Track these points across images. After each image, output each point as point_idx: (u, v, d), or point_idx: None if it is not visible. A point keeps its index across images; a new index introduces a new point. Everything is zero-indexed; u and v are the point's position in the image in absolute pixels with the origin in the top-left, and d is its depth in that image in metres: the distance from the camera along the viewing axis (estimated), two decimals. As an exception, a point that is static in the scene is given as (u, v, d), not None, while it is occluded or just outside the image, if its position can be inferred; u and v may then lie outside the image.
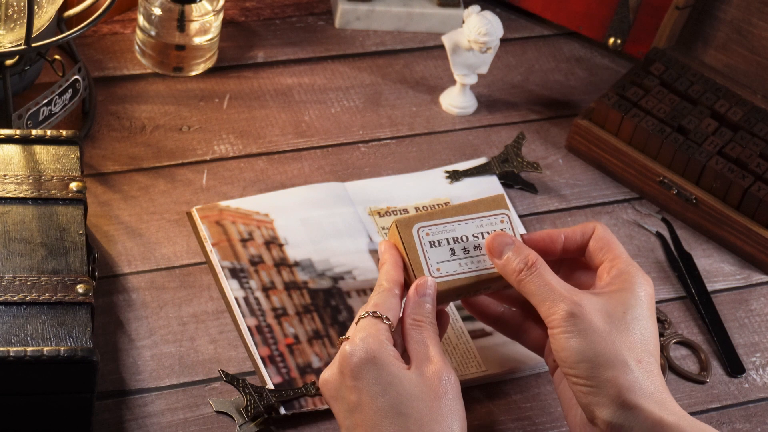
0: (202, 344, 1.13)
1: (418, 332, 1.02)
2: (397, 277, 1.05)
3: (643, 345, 1.01)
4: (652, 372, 1.00)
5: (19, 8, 1.17)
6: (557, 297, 1.01)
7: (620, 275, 1.05)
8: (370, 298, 1.04)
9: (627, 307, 1.02)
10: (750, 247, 1.28)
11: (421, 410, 0.97)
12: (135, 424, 1.06)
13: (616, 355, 0.99)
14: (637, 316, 1.02)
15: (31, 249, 1.04)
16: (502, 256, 1.05)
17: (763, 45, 1.36)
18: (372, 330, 1.00)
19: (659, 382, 1.01)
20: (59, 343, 0.98)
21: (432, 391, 0.98)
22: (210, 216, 1.21)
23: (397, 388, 0.97)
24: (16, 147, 1.11)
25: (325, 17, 1.46)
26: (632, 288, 1.04)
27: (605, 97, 1.34)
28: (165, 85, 1.34)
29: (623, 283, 1.04)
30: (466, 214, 1.09)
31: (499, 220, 1.09)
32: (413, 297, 1.04)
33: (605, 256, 1.07)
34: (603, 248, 1.07)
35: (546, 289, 1.02)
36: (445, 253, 1.07)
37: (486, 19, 1.31)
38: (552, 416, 1.13)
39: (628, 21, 1.44)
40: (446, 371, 0.99)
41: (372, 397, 0.97)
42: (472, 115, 1.39)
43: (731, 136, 1.31)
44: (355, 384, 0.98)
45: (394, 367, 0.98)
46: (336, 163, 1.30)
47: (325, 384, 1.01)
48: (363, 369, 0.98)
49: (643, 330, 1.02)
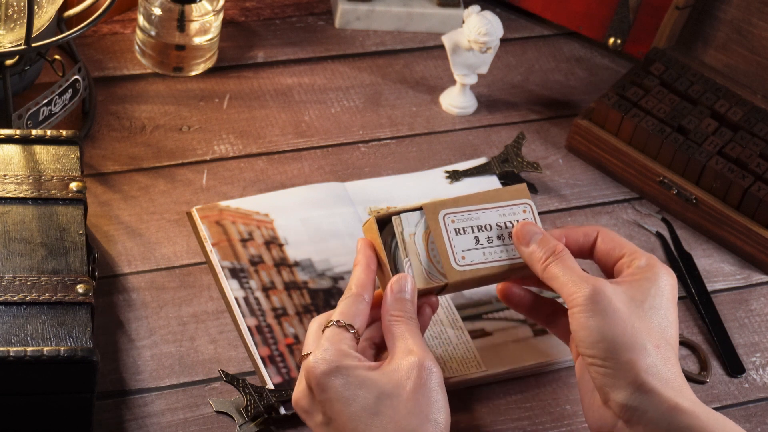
0: (202, 344, 1.13)
1: (398, 327, 1.01)
2: (367, 281, 1.04)
3: (662, 333, 1.02)
4: (669, 359, 1.01)
5: (19, 8, 1.17)
6: (579, 280, 1.02)
7: (642, 267, 1.05)
8: (339, 304, 1.03)
9: (648, 295, 1.03)
10: (750, 247, 1.28)
11: (396, 406, 0.96)
12: (135, 424, 1.06)
13: (635, 339, 1.00)
14: (657, 305, 1.03)
15: (31, 249, 1.04)
16: (529, 244, 1.06)
17: (763, 45, 1.36)
18: (334, 340, 0.99)
19: (676, 369, 1.01)
20: (59, 343, 0.98)
21: (410, 383, 0.97)
22: (210, 216, 1.21)
23: (368, 390, 0.96)
24: (16, 147, 1.11)
25: (325, 17, 1.46)
26: (654, 278, 1.04)
27: (605, 97, 1.34)
28: (165, 85, 1.34)
29: (645, 273, 1.05)
30: (490, 203, 1.09)
31: (522, 209, 1.10)
32: (390, 295, 1.03)
33: (620, 253, 1.07)
34: (615, 248, 1.08)
35: (569, 273, 1.03)
36: (469, 242, 1.07)
37: (486, 19, 1.31)
38: (552, 416, 1.13)
39: (628, 21, 1.44)
40: (427, 361, 0.98)
41: (344, 406, 0.96)
42: (472, 115, 1.39)
43: (731, 136, 1.31)
44: (324, 397, 0.97)
45: (360, 371, 0.97)
46: (336, 163, 1.30)
47: (297, 403, 1.00)
48: (329, 380, 0.97)
49: (662, 319, 1.03)
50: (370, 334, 1.05)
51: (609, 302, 1.01)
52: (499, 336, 1.17)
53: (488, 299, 1.20)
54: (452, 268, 1.06)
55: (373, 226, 1.06)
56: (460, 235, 1.07)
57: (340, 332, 1.00)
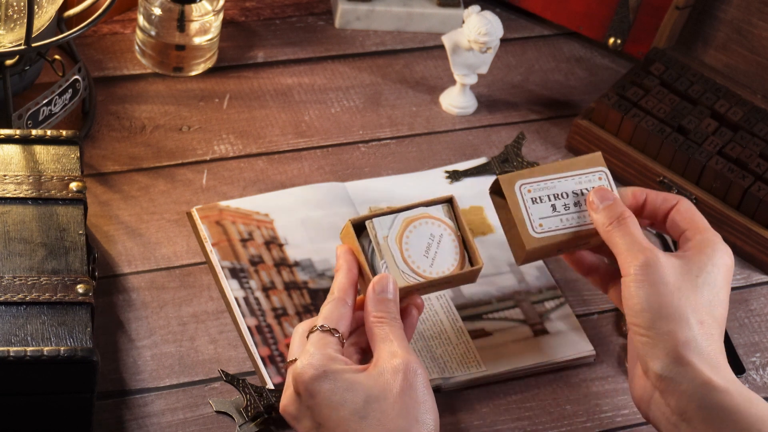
0: (202, 344, 1.13)
1: (381, 328, 1.01)
2: (349, 285, 1.04)
3: (710, 309, 1.02)
4: (712, 335, 1.01)
5: (19, 8, 1.18)
6: (638, 248, 1.03)
7: (702, 242, 1.06)
8: (321, 309, 1.03)
9: (701, 271, 1.04)
10: (750, 247, 1.28)
11: (384, 409, 0.95)
12: (135, 424, 1.06)
13: (680, 311, 1.00)
14: (711, 281, 1.04)
15: (31, 249, 1.04)
16: (598, 209, 1.07)
17: (763, 45, 1.36)
18: (319, 345, 0.99)
19: (717, 346, 1.01)
20: (59, 343, 0.98)
21: (396, 386, 0.96)
22: (210, 216, 1.21)
23: (356, 393, 0.96)
24: (16, 147, 1.11)
25: (325, 17, 1.46)
26: (712, 254, 1.05)
27: (605, 97, 1.34)
28: (165, 85, 1.34)
29: (704, 248, 1.05)
30: (566, 171, 1.10)
31: (597, 177, 1.11)
32: (372, 295, 1.02)
33: (688, 225, 1.08)
34: (685, 219, 1.08)
35: (629, 240, 1.04)
36: (546, 210, 1.09)
37: (486, 19, 1.31)
38: (552, 416, 1.13)
39: (628, 21, 1.44)
40: (412, 363, 0.98)
41: (332, 410, 0.96)
42: (472, 115, 1.39)
43: (731, 136, 1.31)
44: (313, 402, 0.97)
45: (348, 374, 0.97)
46: (336, 163, 1.30)
47: (285, 410, 1.00)
48: (317, 385, 0.97)
49: (713, 296, 1.03)
50: (356, 339, 1.05)
51: (660, 273, 1.02)
52: (499, 336, 1.17)
53: (488, 299, 1.20)
54: (530, 236, 1.08)
55: (350, 231, 1.06)
56: (537, 203, 1.09)
57: (324, 337, 1.00)
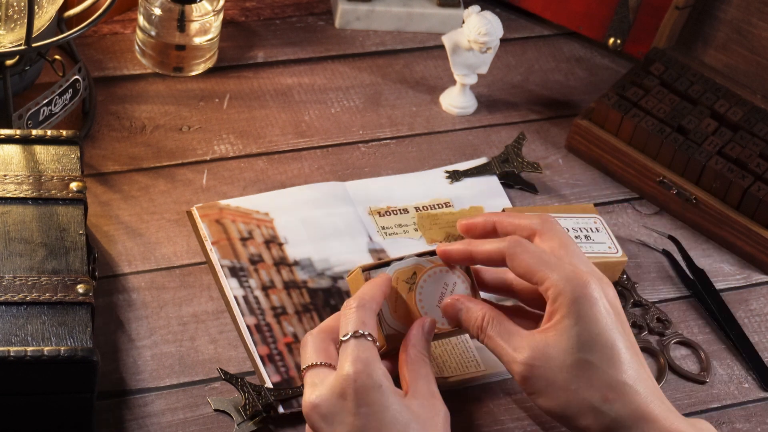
0: (202, 344, 1.13)
1: (423, 367, 1.02)
2: (380, 296, 1.03)
3: (608, 373, 0.98)
4: (629, 399, 0.98)
5: (19, 8, 1.18)
6: (511, 354, 1.01)
7: (563, 298, 0.99)
8: (348, 316, 1.01)
9: (585, 334, 0.98)
10: (750, 247, 1.28)
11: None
12: (135, 424, 1.06)
13: (581, 404, 0.98)
14: (601, 339, 0.98)
15: (32, 249, 1.04)
16: (460, 322, 1.06)
17: (763, 45, 1.36)
18: (370, 353, 0.99)
19: (648, 394, 0.98)
20: (59, 343, 0.98)
21: (433, 425, 0.98)
22: (210, 214, 1.21)
23: (403, 418, 0.97)
24: (16, 147, 1.11)
25: (325, 17, 1.46)
26: (585, 307, 0.99)
27: (605, 97, 1.34)
28: (165, 85, 1.34)
29: (564, 310, 0.99)
30: None
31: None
32: (420, 333, 1.04)
33: (533, 280, 1.02)
34: (527, 274, 1.02)
35: (500, 349, 1.02)
36: None
37: (486, 19, 1.31)
38: (552, 416, 1.13)
39: (628, 21, 1.44)
40: (445, 409, 1.00)
41: (381, 424, 0.96)
42: (472, 115, 1.39)
43: (731, 136, 1.31)
44: (360, 410, 0.96)
45: (396, 397, 0.98)
46: (336, 163, 1.30)
47: (316, 408, 0.99)
48: (369, 395, 0.97)
49: (608, 351, 0.98)
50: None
51: (539, 383, 0.99)
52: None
53: (487, 299, 1.19)
54: None
55: (359, 276, 1.07)
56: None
57: (370, 346, 0.99)
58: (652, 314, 1.22)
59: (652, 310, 1.22)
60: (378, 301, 1.03)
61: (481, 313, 1.04)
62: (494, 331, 1.03)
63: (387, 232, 1.23)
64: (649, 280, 1.25)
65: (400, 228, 1.24)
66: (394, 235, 1.23)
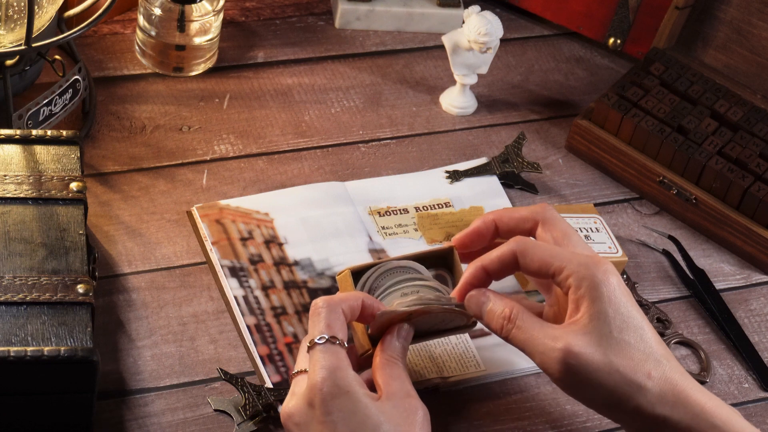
0: (202, 344, 1.13)
1: (396, 368, 1.01)
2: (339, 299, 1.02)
3: (646, 351, 0.98)
4: (668, 373, 0.98)
5: (19, 8, 1.18)
6: (545, 348, 0.98)
7: (582, 290, 0.99)
8: (315, 321, 1.01)
9: (608, 321, 0.98)
10: (750, 247, 1.28)
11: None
12: (135, 424, 1.06)
13: (630, 385, 0.97)
14: (624, 323, 0.98)
15: (32, 249, 1.04)
16: (482, 316, 1.03)
17: (763, 45, 1.36)
18: (335, 358, 0.98)
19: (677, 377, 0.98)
20: (59, 343, 0.98)
21: (408, 423, 0.97)
22: (210, 214, 1.21)
23: (373, 421, 0.96)
24: (16, 147, 1.11)
25: (325, 17, 1.46)
26: (602, 294, 0.98)
27: (605, 97, 1.34)
28: (165, 85, 1.34)
29: (590, 295, 0.98)
30: None
31: None
32: (390, 337, 1.03)
33: (551, 272, 1.01)
34: (542, 267, 1.01)
35: (531, 342, 1.00)
36: None
37: (486, 19, 1.31)
38: (552, 416, 1.13)
39: (628, 21, 1.44)
40: (423, 407, 0.99)
41: (349, 430, 0.96)
42: (472, 115, 1.39)
43: (731, 136, 1.31)
44: (328, 418, 0.96)
45: (367, 399, 0.97)
46: (336, 163, 1.30)
47: (290, 417, 0.99)
48: (336, 402, 0.96)
49: (637, 335, 0.99)
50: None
51: (583, 370, 0.97)
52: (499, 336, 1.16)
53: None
54: None
55: (348, 278, 1.06)
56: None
57: (337, 350, 0.98)
58: (652, 314, 1.22)
59: (652, 310, 1.22)
60: (348, 302, 1.02)
61: (508, 306, 1.01)
62: (526, 322, 1.00)
63: (387, 232, 1.23)
64: (649, 280, 1.25)
65: (400, 228, 1.24)
66: (394, 235, 1.23)
